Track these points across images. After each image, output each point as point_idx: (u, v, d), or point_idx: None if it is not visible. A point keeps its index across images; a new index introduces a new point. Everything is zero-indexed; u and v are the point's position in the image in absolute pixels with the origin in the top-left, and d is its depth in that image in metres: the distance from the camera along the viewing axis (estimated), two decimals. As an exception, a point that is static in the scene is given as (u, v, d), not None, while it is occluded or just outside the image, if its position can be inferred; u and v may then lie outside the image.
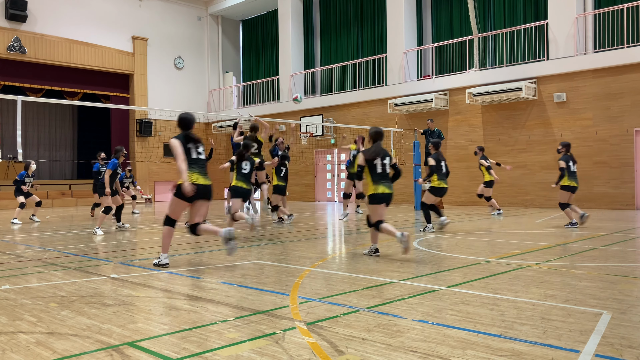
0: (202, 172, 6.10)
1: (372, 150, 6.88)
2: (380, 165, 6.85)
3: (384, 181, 6.86)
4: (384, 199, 6.84)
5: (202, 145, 6.22)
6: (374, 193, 6.83)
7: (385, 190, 6.82)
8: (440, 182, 9.56)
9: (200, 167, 6.09)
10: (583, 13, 16.55)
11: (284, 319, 3.90)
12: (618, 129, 15.29)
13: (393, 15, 20.66)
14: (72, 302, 4.49)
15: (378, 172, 6.84)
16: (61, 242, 9.02)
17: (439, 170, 9.54)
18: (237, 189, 9.48)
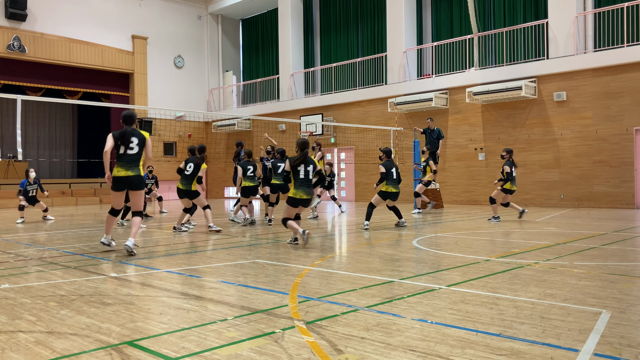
0: (126, 167, 7.01)
1: (297, 157, 7.89)
2: (303, 172, 7.87)
3: (304, 187, 7.88)
4: (300, 202, 7.92)
5: (136, 139, 7.07)
6: (293, 197, 7.88)
7: (303, 195, 7.87)
8: (389, 187, 10.29)
9: (125, 161, 7.02)
10: (583, 12, 16.55)
11: (283, 318, 3.90)
12: (618, 128, 15.29)
13: (393, 14, 20.65)
14: (72, 301, 4.50)
15: (300, 178, 7.87)
16: (61, 241, 9.02)
17: (389, 177, 10.28)
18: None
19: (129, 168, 7.01)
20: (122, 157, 7.02)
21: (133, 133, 7.09)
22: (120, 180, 7.03)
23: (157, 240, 9.25)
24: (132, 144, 7.02)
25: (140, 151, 7.11)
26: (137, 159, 7.09)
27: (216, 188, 28.12)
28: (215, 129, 26.88)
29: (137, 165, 7.09)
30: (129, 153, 7.02)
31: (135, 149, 7.04)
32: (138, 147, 7.07)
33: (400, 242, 8.34)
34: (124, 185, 7.08)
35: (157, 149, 25.68)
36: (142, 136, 7.16)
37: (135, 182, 7.09)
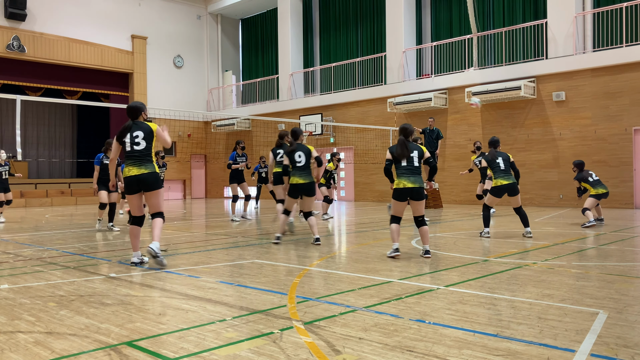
0: (137, 164, 6.16)
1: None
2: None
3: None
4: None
5: (141, 132, 6.20)
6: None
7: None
8: (499, 179, 8.77)
9: (134, 158, 6.17)
10: (582, 12, 16.56)
11: (281, 318, 3.92)
12: (617, 128, 15.30)
13: (392, 14, 20.66)
14: (71, 302, 4.51)
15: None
16: (60, 241, 9.03)
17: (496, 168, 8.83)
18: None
19: (141, 165, 6.14)
20: (130, 155, 6.19)
21: (136, 126, 6.23)
22: (132, 180, 6.13)
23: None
24: (138, 139, 6.17)
25: (149, 145, 6.22)
26: (147, 155, 6.20)
27: (215, 188, 28.13)
28: (215, 129, 26.88)
29: (149, 162, 6.19)
30: (136, 149, 6.17)
31: (142, 144, 6.18)
32: (145, 141, 6.19)
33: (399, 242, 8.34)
34: (137, 185, 6.15)
35: (157, 149, 25.66)
36: (149, 128, 6.25)
37: (149, 181, 6.14)
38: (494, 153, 8.93)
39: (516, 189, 8.78)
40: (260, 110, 25.25)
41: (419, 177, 6.76)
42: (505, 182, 8.70)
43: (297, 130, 8.35)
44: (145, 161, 6.17)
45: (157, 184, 6.21)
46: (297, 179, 7.99)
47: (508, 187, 8.72)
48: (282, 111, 24.14)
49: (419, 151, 6.86)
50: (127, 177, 6.15)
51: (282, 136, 10.07)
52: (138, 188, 6.16)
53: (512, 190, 8.73)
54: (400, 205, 6.77)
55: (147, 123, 6.31)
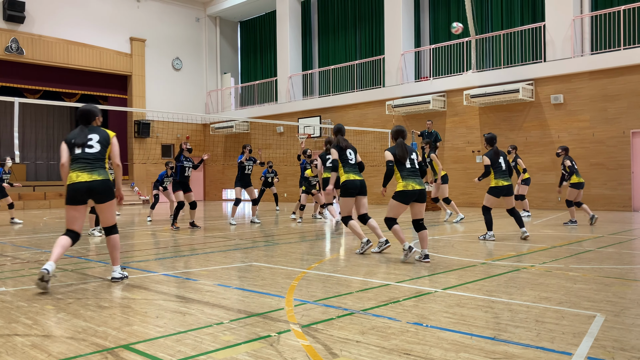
0: (87, 169, 5.26)
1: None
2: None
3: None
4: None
5: (95, 136, 5.40)
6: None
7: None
8: (499, 180, 8.62)
9: (82, 163, 5.27)
10: (580, 15, 16.60)
11: (279, 321, 3.91)
12: (615, 131, 15.33)
13: (391, 17, 20.69)
14: (68, 305, 4.50)
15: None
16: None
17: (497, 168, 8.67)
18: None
19: (92, 170, 5.27)
20: (79, 158, 5.29)
21: (90, 130, 5.44)
22: (80, 188, 5.20)
23: (154, 243, 9.26)
24: (92, 142, 5.36)
25: (103, 150, 5.39)
26: (100, 160, 5.37)
27: (214, 190, 28.12)
28: (213, 131, 26.88)
29: (102, 168, 5.36)
30: (88, 152, 5.32)
31: (96, 147, 5.36)
32: (100, 144, 5.38)
33: (397, 244, 8.35)
34: (87, 195, 5.25)
35: (155, 151, 25.67)
36: (106, 134, 5.49)
37: (101, 190, 5.28)
38: (496, 151, 8.74)
39: (512, 189, 8.71)
40: (258, 112, 25.26)
41: (421, 179, 6.74)
42: (505, 182, 8.63)
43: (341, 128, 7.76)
44: (97, 167, 5.31)
45: (111, 194, 5.40)
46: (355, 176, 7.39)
47: (508, 188, 8.65)
48: (280, 113, 24.15)
49: (415, 153, 6.92)
50: (75, 183, 5.20)
51: (329, 142, 9.72)
52: (87, 198, 5.27)
53: (509, 191, 8.66)
54: (402, 207, 6.69)
55: (104, 129, 5.55)
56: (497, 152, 8.77)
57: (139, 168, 25.21)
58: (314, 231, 10.73)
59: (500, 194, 8.69)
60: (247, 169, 12.36)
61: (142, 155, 24.85)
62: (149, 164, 24.67)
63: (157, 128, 25.67)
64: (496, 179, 8.66)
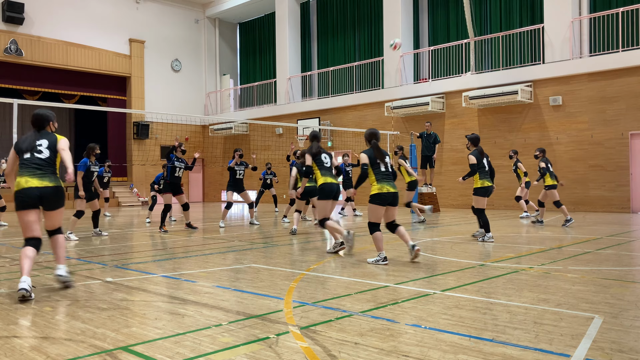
0: (38, 174, 5.07)
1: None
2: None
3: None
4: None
5: (45, 141, 5.23)
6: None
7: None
8: (484, 181, 8.77)
9: (34, 167, 5.07)
10: (578, 17, 16.63)
11: (278, 323, 3.92)
12: (613, 133, 15.35)
13: (390, 19, 20.71)
14: (67, 306, 4.50)
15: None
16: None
17: (482, 169, 8.82)
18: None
19: (43, 176, 5.07)
20: (28, 163, 5.10)
21: (40, 135, 5.27)
22: (31, 194, 5.01)
23: (152, 244, 9.26)
24: (41, 147, 5.18)
25: (53, 156, 5.20)
26: (51, 165, 5.19)
27: (213, 192, 28.11)
28: (212, 133, 26.89)
29: (53, 174, 5.17)
30: (37, 157, 5.13)
31: (45, 153, 5.17)
32: (49, 150, 5.20)
33: (395, 246, 8.35)
34: (36, 200, 5.06)
35: (154, 152, 25.67)
36: (54, 138, 5.29)
37: (53, 197, 5.12)
38: (481, 151, 8.87)
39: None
40: (257, 114, 25.28)
41: (394, 182, 6.87)
42: (489, 183, 8.79)
43: (317, 134, 8.16)
44: (48, 172, 5.11)
45: (62, 201, 5.23)
46: (331, 180, 7.71)
47: (492, 189, 8.83)
48: (279, 115, 24.17)
49: (388, 156, 7.04)
50: (25, 189, 4.99)
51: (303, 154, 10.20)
52: (38, 203, 5.09)
53: (490, 192, 8.83)
54: (381, 210, 6.72)
55: (55, 134, 5.37)
56: (482, 152, 8.90)
57: (137, 169, 25.21)
58: (313, 233, 10.73)
59: (488, 193, 8.78)
60: (238, 173, 12.43)
61: (141, 157, 24.85)
62: (148, 165, 24.65)
63: (156, 129, 25.67)
64: (482, 179, 8.76)
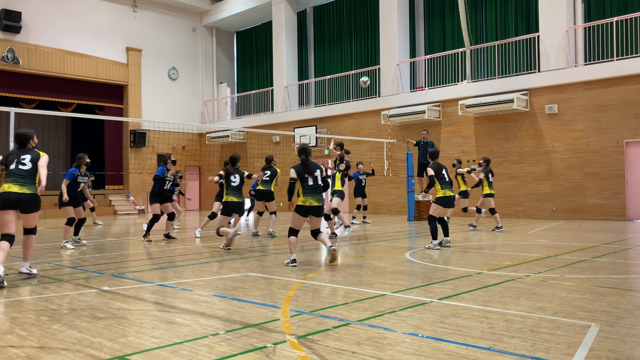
0: (19, 182, 6.12)
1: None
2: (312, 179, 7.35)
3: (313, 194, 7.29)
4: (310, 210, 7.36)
5: (28, 156, 6.29)
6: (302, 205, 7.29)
7: (313, 202, 7.28)
8: (445, 190, 9.07)
9: (16, 177, 6.14)
10: (573, 26, 16.75)
11: (275, 332, 3.91)
12: (609, 141, 15.42)
13: (386, 28, 20.82)
14: (63, 316, 4.49)
15: (309, 185, 7.30)
16: (53, 254, 8.99)
17: (442, 180, 9.10)
18: (228, 204, 9.55)
19: (24, 185, 6.13)
20: (13, 173, 6.17)
21: (25, 150, 6.38)
22: (10, 198, 6.04)
23: (149, 253, 9.24)
24: (25, 160, 6.26)
25: (34, 168, 6.26)
26: (32, 175, 6.23)
27: (210, 200, 28.07)
28: (209, 141, 26.89)
29: (32, 183, 6.21)
30: (21, 168, 6.20)
31: (28, 165, 6.24)
32: (31, 163, 6.27)
33: (393, 254, 8.36)
34: (16, 204, 6.09)
35: (151, 160, 25.64)
36: (38, 155, 6.38)
37: (29, 203, 6.17)
38: (439, 164, 9.29)
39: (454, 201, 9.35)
40: (254, 122, 25.31)
41: (322, 196, 7.32)
42: (451, 193, 9.18)
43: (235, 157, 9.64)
44: (28, 181, 6.17)
45: (37, 206, 6.27)
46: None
47: (452, 198, 9.18)
48: (276, 123, 24.21)
49: (320, 170, 7.35)
50: (7, 193, 6.03)
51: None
52: (15, 206, 6.10)
53: (453, 202, 9.22)
54: (302, 220, 7.25)
55: (37, 151, 6.45)
56: (440, 165, 9.30)
57: (134, 178, 25.17)
58: (309, 241, 10.72)
59: (448, 203, 9.10)
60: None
61: (137, 165, 24.82)
62: (145, 173, 24.61)
63: (153, 138, 25.66)
64: (443, 189, 9.10)
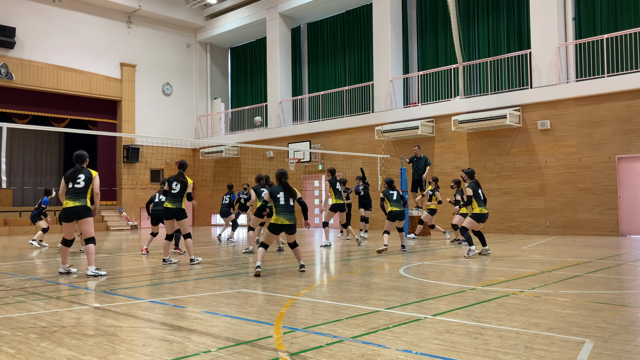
0: (74, 198, 7.89)
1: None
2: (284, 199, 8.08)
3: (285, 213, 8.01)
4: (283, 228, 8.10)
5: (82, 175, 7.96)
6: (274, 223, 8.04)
7: (285, 221, 7.98)
8: (482, 208, 10.14)
9: (71, 193, 7.89)
10: (564, 43, 16.93)
11: (267, 349, 3.87)
12: (601, 156, 15.51)
13: (379, 44, 20.97)
14: (53, 333, 4.43)
15: (281, 204, 8.04)
16: (44, 271, 8.90)
17: (478, 198, 10.14)
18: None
19: (77, 199, 7.87)
20: (70, 191, 7.92)
21: (80, 171, 8.02)
22: (67, 210, 7.85)
23: (141, 269, 9.16)
24: (79, 180, 7.93)
25: (86, 186, 7.94)
26: (84, 192, 7.93)
27: (203, 215, 27.98)
28: (203, 156, 26.87)
29: (84, 197, 7.91)
30: (75, 187, 7.92)
31: (81, 184, 7.92)
32: (84, 182, 7.93)
33: (387, 270, 8.33)
34: (72, 215, 7.87)
35: (144, 176, 25.57)
36: (90, 174, 8.04)
37: (81, 212, 7.87)
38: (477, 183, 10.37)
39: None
40: (248, 137, 25.33)
41: (294, 215, 8.05)
42: (486, 210, 10.20)
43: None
44: (81, 197, 7.89)
45: (87, 213, 7.92)
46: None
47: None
48: (270, 138, 24.23)
49: (293, 192, 8.11)
50: (65, 207, 7.87)
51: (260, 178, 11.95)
52: (73, 217, 7.90)
53: (486, 219, 10.24)
54: (272, 237, 8.11)
55: (89, 170, 8.09)
56: (478, 183, 10.40)
57: (127, 193, 25.06)
58: (303, 256, 10.67)
59: (482, 220, 10.17)
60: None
61: (130, 181, 24.73)
62: (138, 189, 24.53)
63: (147, 153, 25.62)
64: (480, 207, 10.14)
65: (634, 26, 15.97)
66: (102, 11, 25.07)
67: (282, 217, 7.92)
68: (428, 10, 20.96)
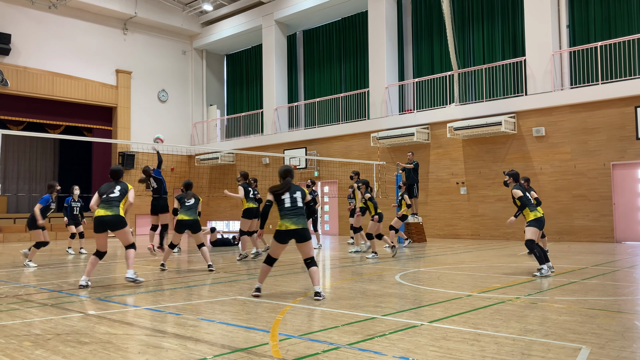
0: (106, 207, 7.59)
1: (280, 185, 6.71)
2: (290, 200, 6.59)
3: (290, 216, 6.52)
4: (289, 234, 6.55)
5: (118, 187, 7.77)
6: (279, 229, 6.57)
7: (290, 226, 6.47)
8: (535, 212, 8.68)
9: (105, 203, 7.61)
10: (559, 50, 17.03)
11: (263, 357, 3.85)
12: (595, 163, 15.57)
13: (375, 51, 21.04)
14: (47, 341, 4.40)
15: (286, 207, 6.56)
16: (38, 277, 8.85)
17: (529, 202, 8.71)
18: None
19: (109, 208, 7.58)
20: (103, 200, 7.68)
21: (118, 183, 7.86)
22: (99, 219, 7.50)
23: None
24: (115, 190, 7.74)
25: (121, 196, 7.72)
26: (118, 200, 7.66)
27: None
28: (199, 163, 26.83)
29: (117, 206, 7.62)
30: (110, 196, 7.67)
31: (116, 193, 7.71)
32: (120, 192, 7.73)
33: (383, 277, 8.32)
34: (103, 225, 7.50)
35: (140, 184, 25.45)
36: (126, 186, 7.87)
37: (113, 222, 7.54)
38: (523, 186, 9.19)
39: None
40: (244, 144, 25.32)
41: (302, 218, 6.50)
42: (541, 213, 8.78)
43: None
44: (114, 205, 7.60)
45: (120, 224, 7.60)
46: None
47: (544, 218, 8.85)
48: (266, 145, 24.22)
49: (301, 192, 6.66)
50: (97, 216, 7.52)
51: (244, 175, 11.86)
52: (104, 227, 7.52)
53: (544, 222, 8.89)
54: (279, 247, 6.55)
55: (126, 184, 7.91)
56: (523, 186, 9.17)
57: (122, 200, 24.96)
58: (299, 264, 10.65)
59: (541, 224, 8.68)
60: (75, 209, 13.87)
61: (126, 187, 24.62)
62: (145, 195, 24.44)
63: (142, 160, 25.55)
64: (533, 212, 8.62)
65: (628, 34, 16.09)
66: (98, 18, 25.06)
67: (287, 221, 6.42)
68: (423, 17, 21.05)
